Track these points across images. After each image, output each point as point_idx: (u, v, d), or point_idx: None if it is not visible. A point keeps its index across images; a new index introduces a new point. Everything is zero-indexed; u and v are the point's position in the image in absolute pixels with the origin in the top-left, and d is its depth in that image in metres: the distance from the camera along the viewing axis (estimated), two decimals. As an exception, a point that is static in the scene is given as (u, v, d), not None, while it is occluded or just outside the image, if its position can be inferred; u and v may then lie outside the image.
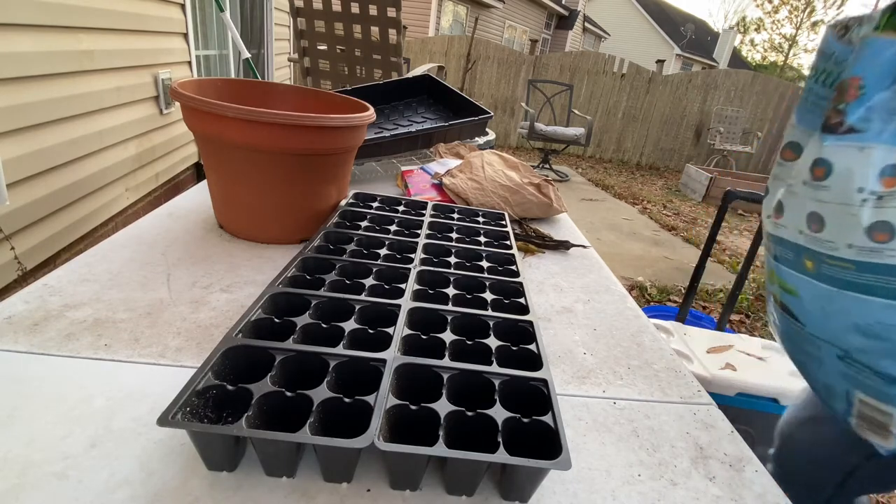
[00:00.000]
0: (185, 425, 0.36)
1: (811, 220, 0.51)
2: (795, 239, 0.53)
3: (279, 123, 0.69)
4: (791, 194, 0.54)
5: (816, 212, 0.50)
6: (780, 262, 0.57)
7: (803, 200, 0.52)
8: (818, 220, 0.50)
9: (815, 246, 0.51)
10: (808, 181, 0.51)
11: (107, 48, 1.82)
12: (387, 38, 1.89)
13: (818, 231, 0.50)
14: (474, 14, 10.67)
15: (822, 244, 0.50)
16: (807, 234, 0.51)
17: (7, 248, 1.41)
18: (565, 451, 0.38)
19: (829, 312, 0.51)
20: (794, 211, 0.53)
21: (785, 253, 0.56)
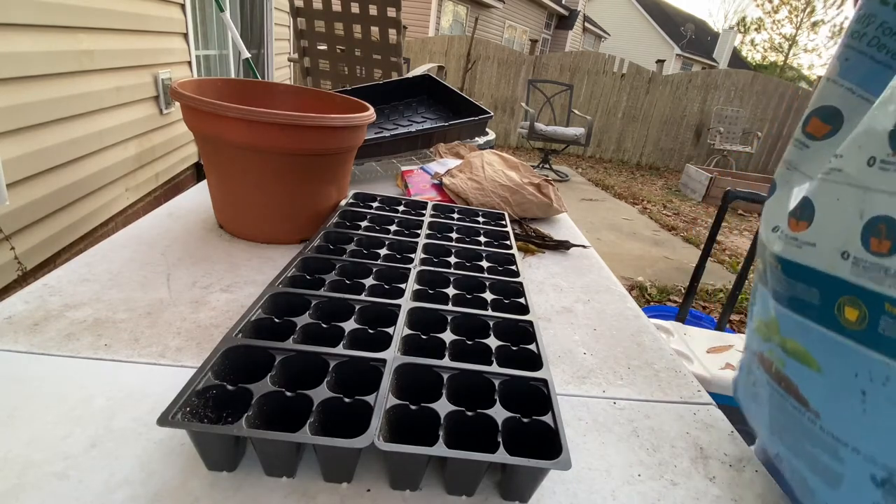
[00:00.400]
0: (185, 425, 0.36)
1: (874, 231, 0.28)
2: (831, 268, 0.31)
3: (279, 123, 0.69)
4: (834, 186, 0.31)
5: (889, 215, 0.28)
6: (788, 305, 0.35)
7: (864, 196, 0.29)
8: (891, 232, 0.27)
9: (874, 282, 0.29)
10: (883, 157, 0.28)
11: (107, 48, 1.82)
12: (387, 38, 1.89)
13: (890, 253, 0.28)
14: (474, 14, 10.68)
15: (887, 276, 0.28)
16: (860, 260, 0.29)
17: (7, 248, 1.41)
18: (565, 452, 0.38)
19: (874, 405, 0.30)
20: (838, 216, 0.30)
21: (803, 292, 0.33)
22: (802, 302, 0.34)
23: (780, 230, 0.35)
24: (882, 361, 0.29)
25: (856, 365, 0.31)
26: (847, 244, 0.30)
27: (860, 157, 0.29)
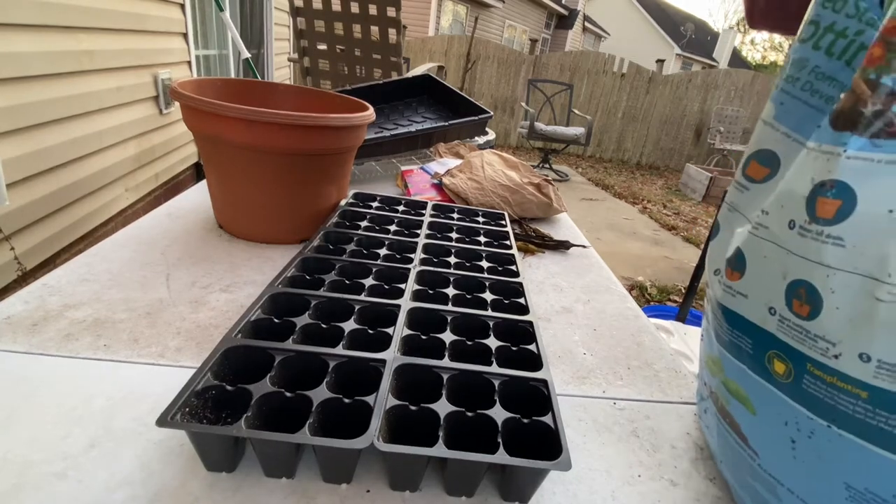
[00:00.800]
0: (184, 426, 0.36)
1: (795, 294, 0.28)
2: (761, 321, 0.31)
3: (279, 123, 0.69)
4: (761, 242, 0.30)
5: (810, 282, 0.27)
6: (728, 348, 0.35)
7: (786, 258, 0.28)
8: (811, 297, 0.27)
9: (796, 342, 0.29)
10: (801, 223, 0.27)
11: (107, 48, 1.82)
12: (387, 38, 1.89)
13: (809, 317, 0.28)
14: (474, 14, 10.67)
15: (814, 343, 0.28)
16: (785, 319, 0.29)
17: (7, 248, 1.41)
18: (565, 452, 0.38)
19: (803, 456, 0.30)
20: (766, 273, 0.30)
21: (739, 338, 0.33)
22: (739, 348, 0.34)
23: (720, 274, 0.35)
24: (807, 416, 0.29)
25: (786, 414, 0.31)
26: (773, 301, 0.30)
27: (782, 218, 0.29)
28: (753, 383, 0.33)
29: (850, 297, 0.26)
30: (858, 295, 0.25)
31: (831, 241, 0.26)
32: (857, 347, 0.26)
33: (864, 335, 0.25)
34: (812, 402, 0.29)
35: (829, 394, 0.28)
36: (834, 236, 0.26)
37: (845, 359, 0.26)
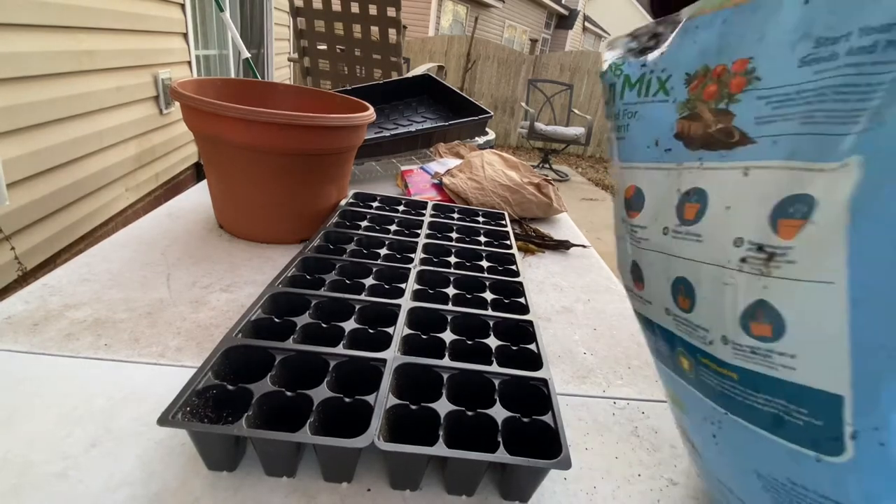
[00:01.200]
0: (185, 425, 0.36)
1: (678, 290, 0.31)
2: (665, 322, 0.33)
3: (279, 123, 0.69)
4: (647, 253, 0.34)
5: (685, 277, 0.31)
6: (654, 354, 0.38)
7: (666, 261, 0.32)
8: (688, 291, 0.30)
9: (686, 334, 0.31)
10: (673, 228, 0.31)
11: (107, 48, 1.82)
12: (387, 38, 1.89)
13: (689, 310, 0.31)
14: (474, 14, 10.67)
15: (695, 332, 0.31)
16: (676, 315, 0.32)
17: (7, 248, 1.41)
18: (565, 451, 0.38)
19: (722, 447, 0.32)
20: (656, 278, 0.33)
21: (657, 342, 0.36)
22: (659, 352, 0.37)
23: (630, 289, 0.38)
24: (712, 407, 0.31)
25: (703, 409, 0.33)
26: (666, 301, 0.33)
27: (658, 228, 0.33)
28: (677, 384, 0.35)
29: (710, 286, 0.29)
30: (714, 282, 0.29)
31: (693, 238, 0.30)
32: (720, 331, 0.29)
33: (721, 318, 0.28)
34: (711, 392, 0.31)
35: (717, 381, 0.30)
36: (694, 233, 0.30)
37: (716, 343, 0.29)
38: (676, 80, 0.31)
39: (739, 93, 0.28)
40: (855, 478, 0.25)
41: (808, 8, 0.25)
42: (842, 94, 0.23)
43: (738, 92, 0.28)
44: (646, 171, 0.34)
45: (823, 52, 0.24)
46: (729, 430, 0.31)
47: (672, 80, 0.32)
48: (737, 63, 0.28)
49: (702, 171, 0.30)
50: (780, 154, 0.26)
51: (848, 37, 0.23)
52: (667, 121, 0.32)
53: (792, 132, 0.25)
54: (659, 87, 0.33)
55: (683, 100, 0.31)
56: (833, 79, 0.23)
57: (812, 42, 0.25)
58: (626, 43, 0.36)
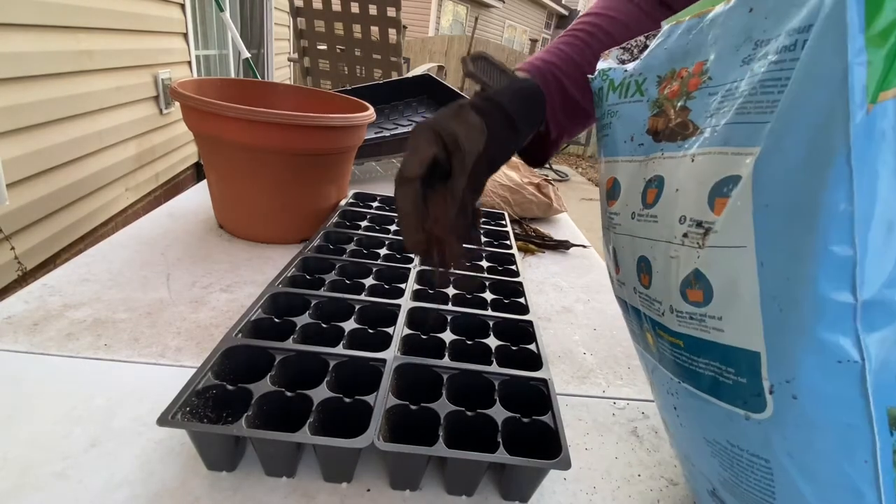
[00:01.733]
0: (184, 425, 0.36)
1: (640, 269, 0.35)
2: (634, 300, 0.37)
3: (279, 123, 0.69)
4: (620, 237, 0.38)
5: (644, 255, 0.34)
6: (631, 335, 0.41)
7: (633, 241, 0.36)
8: (647, 268, 0.34)
9: (647, 309, 0.35)
10: (638, 212, 0.35)
11: (107, 48, 1.82)
12: (387, 38, 1.89)
13: (647, 286, 0.34)
14: (474, 14, 10.67)
15: (652, 306, 0.34)
16: (640, 292, 0.36)
17: (7, 248, 1.41)
18: (565, 451, 0.38)
19: (682, 419, 0.35)
20: (626, 259, 0.37)
21: (631, 323, 0.39)
22: (633, 332, 0.40)
23: (612, 275, 0.42)
24: (670, 377, 0.34)
25: (666, 383, 0.35)
26: (633, 281, 0.36)
27: (627, 213, 0.36)
28: (648, 362, 0.38)
29: (662, 261, 0.32)
30: (665, 257, 0.32)
31: (651, 220, 0.34)
32: (668, 301, 0.32)
33: (668, 289, 0.32)
34: (669, 363, 0.34)
35: (670, 351, 0.33)
36: (652, 215, 0.34)
37: (666, 314, 0.32)
38: (650, 83, 0.35)
39: (695, 90, 0.32)
40: (777, 433, 0.27)
41: (751, 16, 0.29)
42: (766, 87, 0.26)
43: (695, 90, 0.32)
44: (622, 164, 0.38)
45: (759, 52, 0.28)
46: (684, 398, 0.33)
47: (647, 82, 0.36)
48: (696, 65, 0.32)
49: (662, 161, 0.34)
50: (718, 141, 0.29)
51: (777, 38, 0.26)
52: (641, 118, 0.36)
53: (729, 122, 0.28)
54: (636, 88, 0.36)
55: (654, 99, 0.35)
56: (762, 74, 0.27)
57: (752, 44, 0.28)
58: (619, 55, 0.40)
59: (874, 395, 0.24)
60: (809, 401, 0.25)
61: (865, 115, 0.22)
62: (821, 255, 0.23)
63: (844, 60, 0.22)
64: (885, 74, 0.22)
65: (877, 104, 0.22)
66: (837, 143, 0.22)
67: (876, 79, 0.22)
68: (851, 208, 0.22)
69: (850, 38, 0.22)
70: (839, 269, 0.23)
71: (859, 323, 0.23)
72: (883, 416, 0.24)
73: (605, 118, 0.40)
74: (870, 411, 0.24)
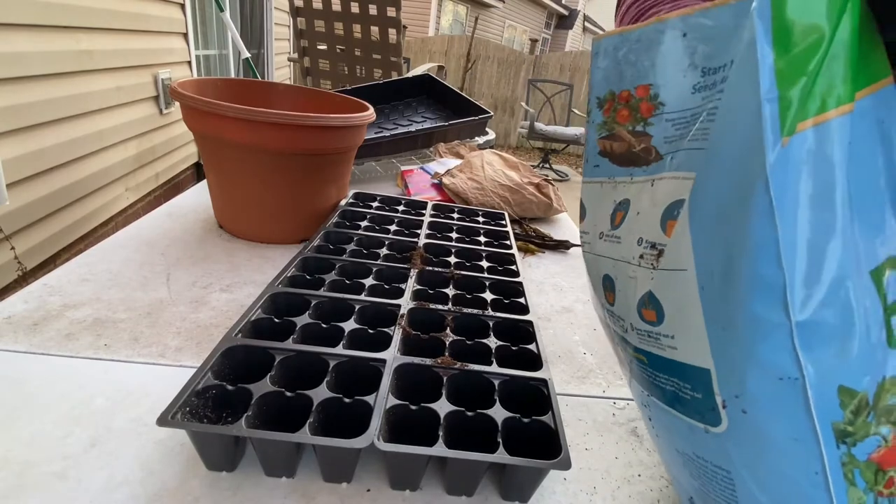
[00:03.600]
0: (184, 425, 0.36)
1: (606, 287, 0.36)
2: (604, 316, 0.38)
3: (279, 123, 0.69)
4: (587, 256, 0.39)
5: (608, 274, 0.35)
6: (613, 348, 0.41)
7: (599, 261, 0.37)
8: (611, 286, 0.35)
9: (615, 324, 0.35)
10: (605, 232, 0.36)
11: (107, 48, 1.82)
12: (387, 38, 1.89)
13: (612, 303, 0.35)
14: (474, 14, 10.67)
15: (618, 322, 0.35)
16: (607, 309, 0.36)
17: (7, 248, 1.41)
18: (565, 451, 0.38)
19: (657, 430, 0.35)
20: (593, 277, 0.38)
21: (609, 334, 0.40)
22: (613, 346, 0.40)
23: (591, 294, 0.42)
24: (641, 391, 0.35)
25: (640, 396, 0.36)
26: (601, 298, 0.37)
27: (596, 233, 0.38)
28: (625, 374, 0.39)
29: (623, 280, 0.33)
30: (625, 277, 0.33)
31: (615, 240, 0.35)
32: (629, 319, 0.33)
33: (628, 308, 0.33)
34: (638, 377, 0.34)
35: (638, 366, 0.34)
36: (616, 236, 0.35)
37: (629, 331, 0.33)
38: (593, 104, 0.36)
39: (651, 116, 0.32)
40: (733, 446, 0.27)
41: (686, 41, 0.29)
42: (710, 115, 0.27)
43: (650, 116, 0.32)
44: (585, 185, 0.39)
45: (709, 80, 0.28)
46: (654, 410, 0.34)
47: (590, 103, 0.36)
48: (639, 89, 0.32)
49: (630, 185, 0.34)
50: (673, 167, 0.30)
51: (726, 67, 0.27)
52: (592, 140, 0.37)
53: (683, 148, 0.29)
54: (588, 110, 0.37)
55: (600, 121, 0.35)
56: (713, 102, 0.27)
57: (699, 71, 0.28)
58: None
59: (817, 410, 0.24)
60: (758, 415, 0.26)
61: (781, 147, 0.23)
62: (752, 278, 0.24)
63: (757, 97, 0.23)
64: (802, 105, 0.23)
65: (795, 135, 0.23)
66: (756, 174, 0.23)
67: (792, 111, 0.23)
68: (776, 234, 0.23)
69: (762, 75, 0.23)
70: (770, 292, 0.24)
71: (797, 341, 0.24)
72: (828, 430, 0.25)
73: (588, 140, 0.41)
74: (814, 425, 0.24)
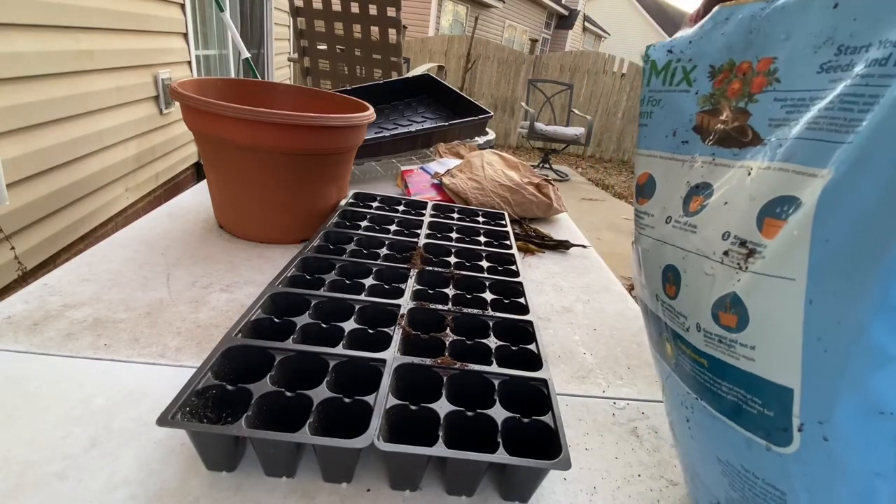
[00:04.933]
0: (184, 425, 0.36)
1: (666, 278, 0.33)
2: (654, 306, 0.35)
3: (279, 123, 0.69)
4: (648, 240, 0.36)
5: (674, 265, 0.32)
6: (650, 339, 0.40)
7: (662, 248, 0.34)
8: (675, 279, 0.32)
9: (670, 320, 0.33)
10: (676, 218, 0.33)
11: (107, 48, 1.82)
12: (387, 38, 1.89)
13: (673, 297, 0.33)
14: (474, 14, 10.67)
15: (677, 319, 0.32)
16: (663, 301, 0.34)
17: (7, 248, 1.41)
18: (565, 451, 0.38)
19: (694, 431, 0.34)
20: (651, 264, 0.35)
21: (650, 327, 0.38)
22: (651, 336, 0.39)
23: (636, 277, 0.40)
24: (686, 391, 0.33)
25: (680, 394, 0.34)
26: (657, 288, 0.35)
27: (662, 216, 0.34)
28: (663, 369, 0.37)
29: (694, 275, 0.31)
30: (698, 272, 0.30)
31: (690, 229, 0.31)
32: (696, 318, 0.30)
33: (698, 306, 0.30)
34: (686, 377, 0.33)
35: (691, 367, 0.32)
36: (692, 224, 0.31)
37: (692, 331, 0.31)
38: (701, 72, 0.32)
39: (759, 93, 0.28)
40: (799, 469, 0.26)
41: (835, 13, 0.25)
42: (846, 103, 0.23)
43: (758, 92, 0.28)
44: (661, 161, 0.35)
45: (843, 60, 0.24)
46: (699, 414, 0.32)
47: (697, 70, 0.32)
48: (762, 62, 0.28)
49: (713, 167, 0.31)
50: (781, 156, 0.26)
51: (868, 47, 0.23)
52: (687, 112, 0.33)
53: (796, 136, 0.26)
54: (683, 76, 0.33)
55: (707, 93, 0.32)
56: (843, 87, 0.24)
57: (834, 49, 0.25)
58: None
59: None
60: (841, 445, 0.24)
61: None
62: (880, 304, 0.22)
63: None
64: None
65: None
66: None
67: None
68: None
69: None
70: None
71: None
72: None
73: (644, 105, 0.36)
74: None
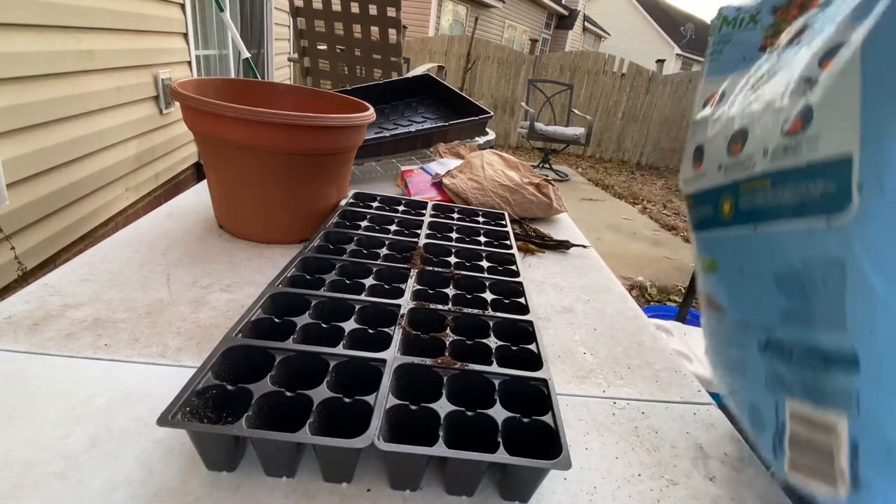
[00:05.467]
0: (184, 425, 0.36)
1: (734, 141, 0.39)
2: (714, 181, 0.41)
3: (279, 123, 0.69)
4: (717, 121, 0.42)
5: (744, 127, 0.38)
6: (699, 228, 0.45)
7: (730, 122, 0.40)
8: (741, 137, 0.38)
9: (734, 174, 0.39)
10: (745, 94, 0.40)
11: (107, 48, 1.82)
12: (387, 38, 1.89)
13: (739, 151, 0.38)
14: (474, 14, 10.67)
15: (741, 166, 0.38)
16: (726, 165, 0.40)
17: (7, 248, 1.41)
18: (565, 451, 0.38)
19: (747, 271, 0.39)
20: (717, 143, 0.41)
21: (705, 211, 0.43)
22: (703, 220, 0.44)
23: (687, 179, 0.46)
24: (743, 233, 0.38)
25: (734, 246, 0.40)
26: (721, 159, 0.41)
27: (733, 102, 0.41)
28: (713, 240, 0.43)
29: (764, 117, 0.36)
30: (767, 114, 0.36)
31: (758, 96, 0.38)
32: (766, 144, 0.35)
33: (767, 137, 0.35)
34: (743, 216, 0.38)
35: (750, 199, 0.37)
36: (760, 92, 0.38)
37: (757, 161, 0.36)
38: (765, 13, 0.42)
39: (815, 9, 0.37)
40: (858, 229, 0.29)
41: None
42: None
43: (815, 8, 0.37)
44: (732, 77, 0.44)
45: None
46: (756, 246, 0.37)
47: (761, 14, 0.42)
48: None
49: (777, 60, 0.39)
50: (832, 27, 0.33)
51: None
52: (754, 41, 0.43)
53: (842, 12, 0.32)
54: (749, 19, 0.43)
55: (769, 24, 0.42)
56: None
57: None
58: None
59: None
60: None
61: None
62: None
63: None
64: None
65: None
66: None
67: None
68: None
69: None
70: None
71: None
72: None
73: (716, 46, 0.46)
74: None
